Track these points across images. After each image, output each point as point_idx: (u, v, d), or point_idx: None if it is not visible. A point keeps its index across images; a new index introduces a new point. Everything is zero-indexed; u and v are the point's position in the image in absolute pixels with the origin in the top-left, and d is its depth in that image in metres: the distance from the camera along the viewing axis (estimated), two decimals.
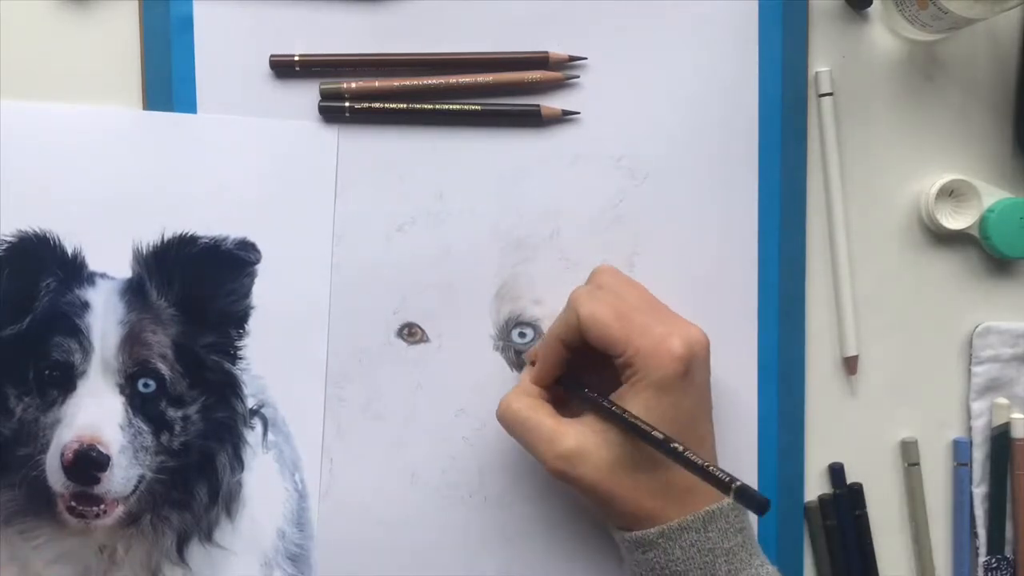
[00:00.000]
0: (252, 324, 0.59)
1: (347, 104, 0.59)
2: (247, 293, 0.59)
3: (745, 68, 0.60)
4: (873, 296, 0.61)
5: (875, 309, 0.61)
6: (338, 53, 0.59)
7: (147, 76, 0.59)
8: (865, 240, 0.61)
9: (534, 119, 0.59)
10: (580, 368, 0.55)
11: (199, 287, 0.58)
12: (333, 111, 0.59)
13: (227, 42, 0.59)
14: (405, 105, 0.59)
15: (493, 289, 0.60)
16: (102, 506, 0.57)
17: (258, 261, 0.59)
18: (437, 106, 0.59)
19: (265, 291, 0.59)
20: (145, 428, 0.57)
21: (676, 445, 0.48)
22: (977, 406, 0.61)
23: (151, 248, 0.58)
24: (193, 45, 0.58)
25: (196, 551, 0.59)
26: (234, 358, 0.59)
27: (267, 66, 0.59)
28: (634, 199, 0.60)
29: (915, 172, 0.61)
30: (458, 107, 0.59)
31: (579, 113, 0.59)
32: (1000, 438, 0.61)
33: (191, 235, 0.58)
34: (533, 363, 0.57)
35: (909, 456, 0.61)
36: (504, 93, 0.59)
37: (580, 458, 0.51)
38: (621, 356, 0.51)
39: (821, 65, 0.60)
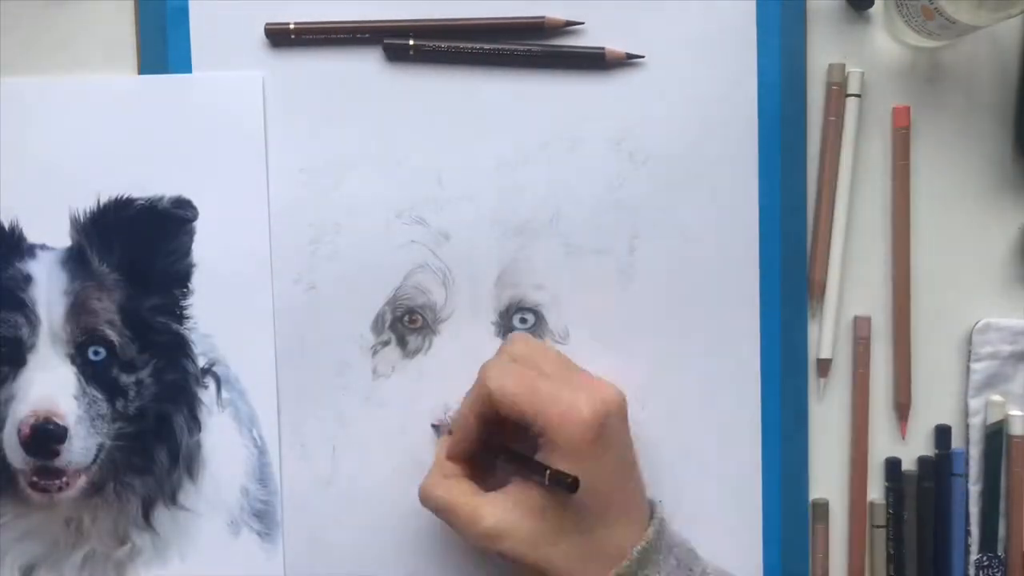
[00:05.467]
0: (195, 282, 0.58)
1: (411, 43, 0.58)
2: (187, 251, 0.58)
3: (744, 54, 0.59)
4: (872, 292, 0.60)
5: (874, 305, 0.60)
6: (334, 20, 0.58)
7: (143, 63, 0.59)
8: (863, 237, 0.60)
9: (598, 61, 0.58)
10: (506, 434, 0.54)
11: (140, 249, 0.58)
12: (397, 49, 0.58)
13: (223, 19, 0.58)
14: (463, 45, 0.58)
15: (494, 275, 0.59)
16: (64, 478, 0.57)
17: (195, 218, 0.58)
18: (500, 47, 0.58)
19: (205, 248, 0.58)
20: (99, 396, 0.57)
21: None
22: (975, 403, 0.60)
23: (88, 215, 0.58)
24: (189, 33, 0.58)
25: (162, 515, 0.58)
26: (180, 318, 0.58)
27: (263, 38, 0.58)
28: (634, 183, 0.59)
29: (915, 173, 0.60)
30: (524, 49, 0.58)
31: (643, 57, 0.58)
32: (994, 435, 0.60)
33: (127, 197, 0.58)
34: (450, 432, 0.56)
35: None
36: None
37: (502, 534, 0.50)
38: (532, 426, 0.51)
39: (822, 59, 0.59)
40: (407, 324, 0.59)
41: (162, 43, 0.58)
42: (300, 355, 0.59)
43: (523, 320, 0.59)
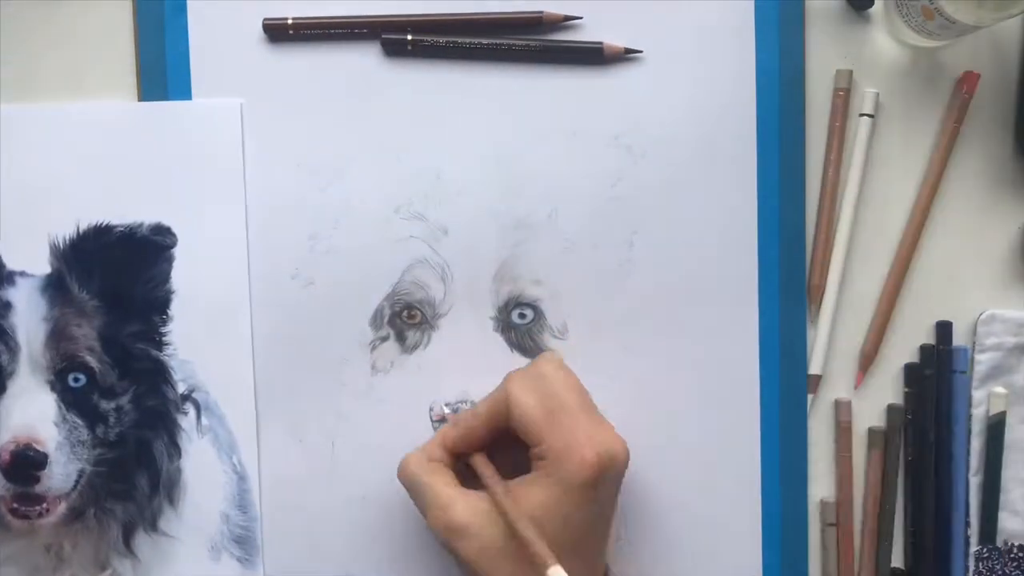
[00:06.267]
0: (174, 309, 0.58)
1: (410, 38, 0.58)
2: (166, 278, 0.58)
3: (743, 50, 0.59)
4: (876, 283, 0.60)
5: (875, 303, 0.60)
6: (333, 16, 0.58)
7: (141, 58, 0.59)
8: (864, 234, 0.60)
9: (596, 56, 0.58)
10: (495, 450, 0.54)
11: (119, 276, 0.58)
12: (396, 44, 0.58)
13: (221, 16, 0.59)
14: (466, 40, 0.58)
15: (492, 270, 0.59)
16: (44, 505, 0.57)
17: (174, 245, 0.58)
18: (498, 42, 0.58)
19: (184, 275, 0.58)
20: (80, 422, 0.57)
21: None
22: (978, 395, 0.60)
23: (67, 241, 0.58)
24: (187, 26, 0.58)
25: (143, 541, 0.58)
26: (160, 344, 0.58)
27: (261, 35, 0.58)
28: (633, 178, 0.59)
29: (915, 174, 0.60)
30: (523, 44, 0.58)
31: (641, 52, 0.58)
32: (995, 427, 0.60)
33: (106, 224, 0.58)
34: (454, 423, 0.56)
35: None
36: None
37: (465, 533, 0.51)
38: (536, 447, 0.51)
39: (821, 58, 0.59)
40: (406, 319, 0.59)
41: (160, 34, 0.58)
42: (299, 351, 0.59)
43: (522, 315, 0.59)
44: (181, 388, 0.58)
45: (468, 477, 0.54)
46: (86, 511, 0.58)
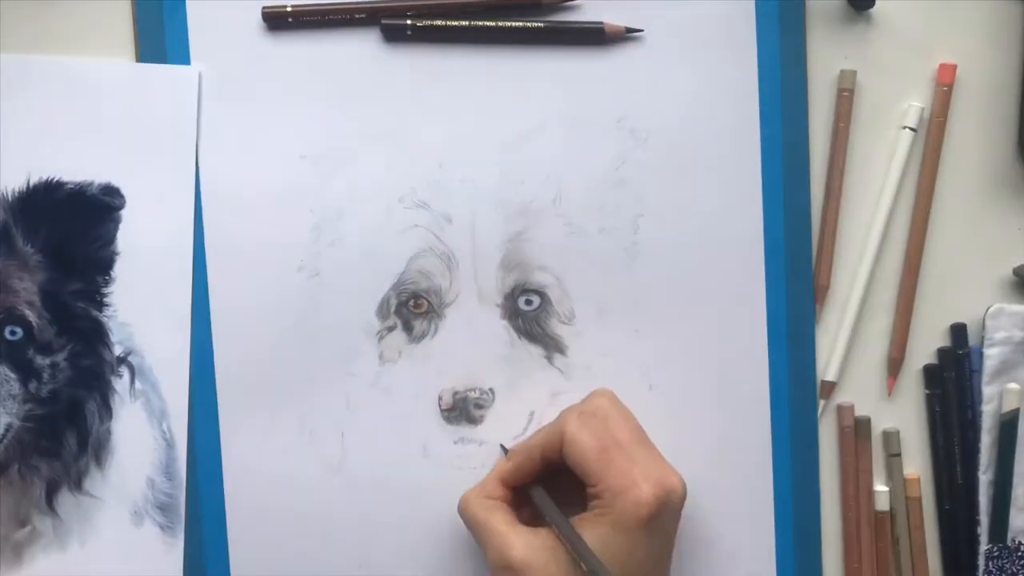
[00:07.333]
0: (117, 271, 0.58)
1: (409, 23, 0.58)
2: (112, 239, 0.58)
3: (744, 35, 0.59)
4: (885, 273, 0.61)
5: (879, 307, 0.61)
6: (332, 2, 0.58)
7: (140, 50, 0.58)
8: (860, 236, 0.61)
9: (598, 36, 0.58)
10: (552, 478, 0.55)
11: (65, 233, 0.58)
12: (395, 29, 0.58)
13: (219, 4, 0.58)
14: (466, 23, 0.58)
15: (497, 257, 0.59)
16: None
17: (122, 206, 0.58)
18: (499, 24, 0.58)
19: (129, 238, 0.58)
20: (12, 376, 0.57)
21: None
22: (989, 391, 0.59)
23: (16, 194, 0.58)
24: (186, 17, 0.58)
25: (66, 500, 0.58)
26: (101, 305, 0.58)
27: (260, 23, 0.58)
28: (636, 161, 0.59)
29: (911, 174, 0.60)
30: (523, 25, 0.58)
31: (642, 31, 0.58)
32: (1008, 424, 0.59)
33: (57, 180, 0.58)
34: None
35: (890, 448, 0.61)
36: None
37: (526, 570, 0.51)
38: (592, 487, 0.52)
39: (822, 55, 0.60)
40: (412, 309, 0.59)
41: (159, 28, 0.58)
42: (306, 342, 0.58)
43: (528, 302, 0.59)
44: (117, 350, 0.58)
45: (529, 508, 0.55)
46: (10, 466, 0.58)
